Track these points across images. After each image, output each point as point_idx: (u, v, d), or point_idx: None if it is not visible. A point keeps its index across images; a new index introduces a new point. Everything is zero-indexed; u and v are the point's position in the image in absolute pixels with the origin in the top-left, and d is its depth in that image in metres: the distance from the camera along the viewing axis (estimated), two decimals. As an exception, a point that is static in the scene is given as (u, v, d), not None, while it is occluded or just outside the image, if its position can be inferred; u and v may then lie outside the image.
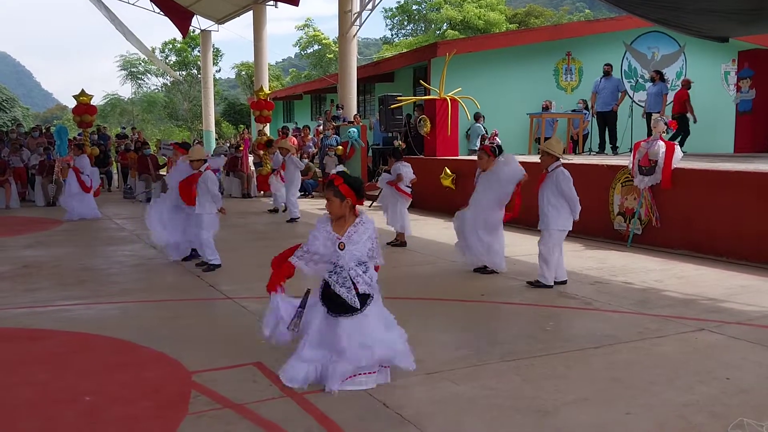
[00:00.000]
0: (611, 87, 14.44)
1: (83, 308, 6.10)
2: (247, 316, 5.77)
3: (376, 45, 69.99)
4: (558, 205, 6.54)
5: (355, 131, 16.95)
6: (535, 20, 45.38)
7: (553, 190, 6.55)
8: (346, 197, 4.04)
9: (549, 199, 6.57)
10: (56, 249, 9.56)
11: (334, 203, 4.08)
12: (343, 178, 4.12)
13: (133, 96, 49.75)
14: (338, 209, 4.07)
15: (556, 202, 6.55)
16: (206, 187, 7.57)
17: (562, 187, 6.48)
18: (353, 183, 4.09)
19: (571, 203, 6.53)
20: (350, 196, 4.04)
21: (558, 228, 6.58)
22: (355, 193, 4.06)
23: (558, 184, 6.50)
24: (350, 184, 4.06)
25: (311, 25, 50.13)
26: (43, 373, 4.35)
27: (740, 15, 10.50)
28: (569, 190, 6.50)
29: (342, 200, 4.05)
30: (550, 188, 6.56)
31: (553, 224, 6.56)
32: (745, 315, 5.59)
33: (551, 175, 6.59)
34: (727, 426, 3.39)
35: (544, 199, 6.61)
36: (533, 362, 4.44)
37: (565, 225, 6.61)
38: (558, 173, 6.55)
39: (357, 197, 4.08)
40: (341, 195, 4.04)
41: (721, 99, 19.68)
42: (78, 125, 17.65)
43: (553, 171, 6.59)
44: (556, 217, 6.55)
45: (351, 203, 4.06)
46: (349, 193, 4.04)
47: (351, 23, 19.52)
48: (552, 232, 6.57)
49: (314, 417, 3.57)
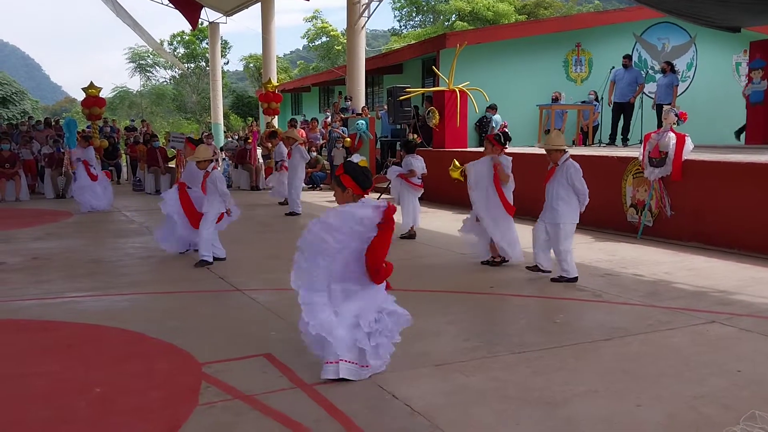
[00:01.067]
0: (630, 78, 14.35)
1: (93, 300, 6.13)
2: (256, 307, 5.78)
3: (385, 37, 69.81)
4: (568, 199, 6.50)
5: (364, 123, 16.92)
6: (544, 11, 45.04)
7: (563, 184, 6.49)
8: (347, 187, 4.01)
9: (558, 193, 6.50)
10: (66, 241, 9.60)
11: (337, 193, 4.08)
12: (345, 167, 4.07)
13: (142, 88, 49.88)
14: (341, 199, 4.06)
15: (565, 196, 6.49)
16: (215, 187, 7.52)
17: (574, 180, 6.43)
18: (354, 172, 4.01)
19: (581, 197, 6.49)
20: (351, 186, 3.99)
21: (572, 221, 6.55)
22: (356, 183, 3.99)
23: (570, 177, 6.44)
24: (351, 174, 4.00)
25: (319, 16, 50.01)
26: (55, 364, 4.38)
27: (753, 4, 10.40)
28: (581, 184, 6.44)
29: (343, 190, 4.02)
30: (560, 182, 6.50)
31: (566, 218, 6.51)
32: (757, 307, 5.56)
33: (561, 169, 6.52)
34: (739, 418, 3.37)
35: (553, 193, 6.53)
36: (543, 354, 4.43)
37: (576, 218, 6.58)
38: (569, 166, 6.50)
39: (360, 187, 4.01)
40: (342, 185, 4.02)
41: (732, 90, 19.53)
42: (87, 118, 17.69)
43: (563, 164, 6.55)
44: (568, 211, 6.50)
45: (353, 193, 4.01)
46: (349, 183, 3.99)
47: (359, 15, 19.46)
48: (566, 226, 6.53)
49: (324, 408, 3.58)
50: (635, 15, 18.40)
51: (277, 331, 4.99)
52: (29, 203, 15.12)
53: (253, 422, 3.45)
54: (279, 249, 8.80)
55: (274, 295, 6.20)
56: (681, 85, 19.51)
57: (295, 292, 4.01)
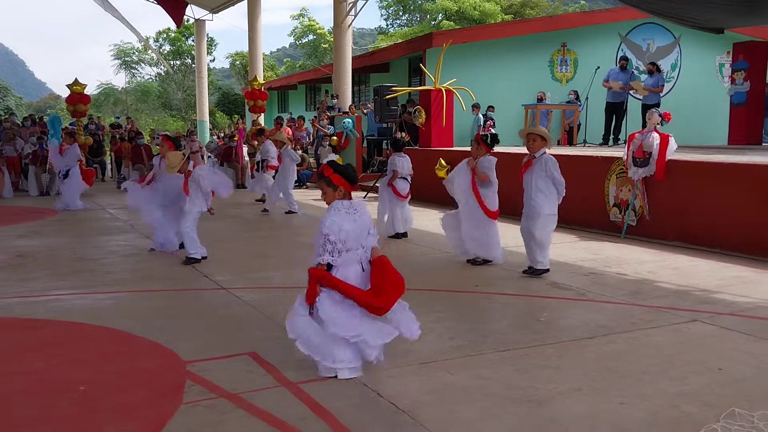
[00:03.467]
0: (625, 79, 14.50)
1: (78, 298, 6.09)
2: (241, 306, 5.77)
3: (371, 35, 69.72)
4: (546, 190, 6.61)
5: (350, 122, 16.92)
6: (530, 11, 45.18)
7: (541, 176, 6.60)
8: (338, 186, 4.07)
9: (537, 185, 6.61)
10: (50, 239, 9.54)
11: (328, 193, 4.12)
12: (333, 167, 4.13)
13: (127, 85, 49.54)
14: (332, 198, 4.11)
15: (544, 188, 6.60)
16: (197, 186, 7.48)
17: (552, 171, 6.55)
18: (344, 171, 4.11)
19: (560, 187, 6.62)
20: (342, 184, 4.08)
21: (551, 212, 6.65)
22: (347, 180, 4.09)
23: (548, 169, 6.57)
24: (341, 173, 4.09)
25: (306, 14, 49.88)
26: (38, 362, 4.35)
27: (736, 5, 10.50)
28: (559, 174, 6.58)
29: (335, 189, 4.09)
30: (539, 174, 6.61)
31: (545, 209, 6.61)
32: (738, 306, 5.62)
33: (539, 161, 6.63)
34: (719, 415, 3.42)
35: (532, 185, 6.64)
36: (527, 352, 4.46)
37: (554, 209, 6.69)
38: (547, 158, 6.62)
39: (350, 184, 4.12)
40: (333, 184, 4.08)
41: (716, 91, 19.71)
42: (71, 114, 17.59)
43: (541, 157, 6.64)
44: (547, 202, 6.62)
45: (344, 191, 4.10)
46: (340, 182, 4.07)
47: (346, 13, 19.46)
48: (545, 216, 6.62)
49: (309, 406, 3.58)
50: (621, 15, 18.53)
51: (263, 330, 4.98)
52: (13, 201, 15.00)
53: (237, 421, 3.45)
54: (265, 248, 8.80)
55: (260, 294, 6.19)
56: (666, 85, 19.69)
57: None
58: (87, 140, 17.71)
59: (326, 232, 3.94)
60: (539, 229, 6.63)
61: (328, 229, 3.95)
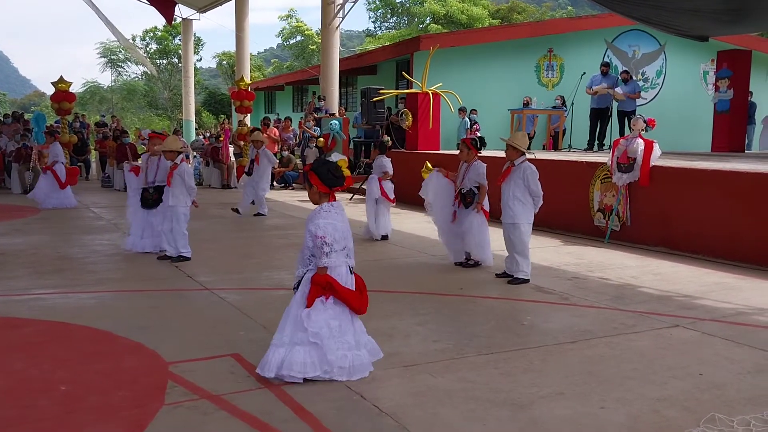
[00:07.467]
0: (608, 85, 14.59)
1: (60, 297, 6.05)
2: (225, 307, 5.75)
3: (359, 37, 69.81)
4: (523, 199, 6.61)
5: (337, 123, 16.91)
6: (517, 16, 45.38)
7: (519, 184, 6.59)
8: (313, 185, 4.04)
9: (514, 193, 6.61)
10: (33, 237, 9.46)
11: (307, 191, 4.15)
12: (313, 165, 4.09)
13: (113, 84, 49.27)
14: (311, 196, 4.12)
15: (521, 196, 6.60)
16: (182, 179, 7.50)
17: (530, 182, 6.55)
18: (319, 170, 4.01)
19: (536, 199, 6.62)
20: (316, 184, 4.02)
21: (527, 221, 6.67)
22: (321, 180, 4.00)
23: (525, 178, 6.56)
24: (317, 172, 4.01)
25: (294, 15, 49.86)
26: (19, 362, 4.31)
27: (720, 14, 10.61)
28: (536, 186, 6.56)
29: (309, 187, 4.08)
30: (516, 182, 6.60)
31: (522, 218, 6.63)
32: (719, 312, 5.68)
33: (517, 169, 6.63)
34: (700, 420, 3.45)
35: (509, 193, 6.64)
36: (510, 356, 4.48)
37: (531, 218, 6.71)
38: (525, 167, 6.60)
39: (325, 185, 4.01)
40: (309, 182, 4.07)
41: (700, 98, 19.90)
42: (56, 112, 17.41)
43: (520, 165, 6.64)
44: (523, 211, 6.63)
45: (318, 191, 4.04)
46: (315, 181, 4.02)
47: (334, 15, 19.44)
48: (523, 225, 6.64)
49: (291, 408, 3.58)
50: (607, 22, 18.66)
51: (246, 331, 4.97)
52: (-5, 198, 14.85)
53: (219, 422, 3.44)
54: (249, 248, 8.77)
55: (243, 295, 6.18)
56: (651, 92, 19.90)
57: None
58: (71, 138, 17.55)
59: (322, 234, 3.89)
60: (516, 238, 6.65)
61: (324, 231, 3.90)
